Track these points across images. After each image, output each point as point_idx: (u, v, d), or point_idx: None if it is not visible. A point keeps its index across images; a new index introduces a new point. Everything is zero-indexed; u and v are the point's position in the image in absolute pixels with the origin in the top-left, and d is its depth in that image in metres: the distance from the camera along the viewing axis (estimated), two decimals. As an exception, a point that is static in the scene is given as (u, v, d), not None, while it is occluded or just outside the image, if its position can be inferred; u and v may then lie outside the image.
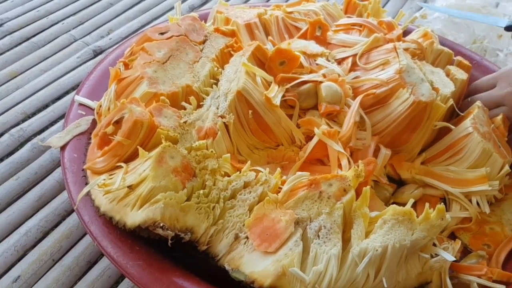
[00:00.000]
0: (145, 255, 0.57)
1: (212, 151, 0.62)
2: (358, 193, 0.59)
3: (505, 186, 0.75)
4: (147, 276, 0.55)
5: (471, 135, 0.72)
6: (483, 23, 1.08)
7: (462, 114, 0.78)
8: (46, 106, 0.93)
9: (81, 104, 0.75)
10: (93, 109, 0.75)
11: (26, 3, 1.17)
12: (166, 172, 0.57)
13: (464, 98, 0.84)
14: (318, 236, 0.56)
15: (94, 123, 0.73)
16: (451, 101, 0.75)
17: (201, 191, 0.58)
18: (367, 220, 0.58)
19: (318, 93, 0.72)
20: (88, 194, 0.61)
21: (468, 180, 0.71)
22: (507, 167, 0.73)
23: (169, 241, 0.55)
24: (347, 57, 0.79)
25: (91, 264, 0.69)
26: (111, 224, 0.58)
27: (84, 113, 0.74)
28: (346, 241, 0.56)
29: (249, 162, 0.63)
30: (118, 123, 0.63)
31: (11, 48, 1.05)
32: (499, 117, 0.78)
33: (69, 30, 1.12)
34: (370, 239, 0.56)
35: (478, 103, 0.78)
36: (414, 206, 0.60)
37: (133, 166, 0.60)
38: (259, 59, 0.75)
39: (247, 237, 0.57)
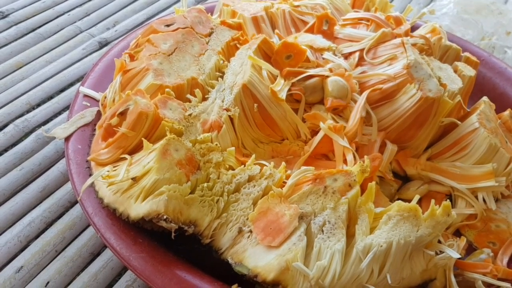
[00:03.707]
0: (148, 247, 0.57)
1: (216, 144, 0.62)
2: (363, 188, 0.59)
3: (512, 183, 0.74)
4: (150, 269, 0.55)
5: (478, 130, 0.72)
6: (491, 20, 1.07)
7: (468, 110, 0.77)
8: (50, 97, 0.93)
9: (86, 96, 0.75)
10: (97, 101, 0.75)
11: (32, -6, 1.17)
12: (171, 164, 0.57)
13: None
14: (322, 231, 0.55)
15: (98, 114, 0.72)
16: (458, 97, 0.74)
17: (205, 184, 0.58)
18: (372, 216, 0.57)
19: (325, 88, 0.72)
20: (92, 185, 0.61)
21: (475, 176, 0.70)
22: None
23: (173, 234, 0.55)
24: (354, 52, 0.78)
25: (94, 256, 0.69)
26: (114, 216, 0.58)
27: (88, 104, 0.74)
28: (350, 237, 0.56)
29: (253, 156, 0.63)
30: (123, 114, 0.63)
31: (17, 39, 1.05)
32: (507, 113, 0.77)
33: (75, 22, 1.12)
34: (374, 235, 0.55)
35: (484, 98, 0.78)
36: (419, 202, 0.59)
37: (137, 158, 0.60)
38: (265, 52, 0.74)
39: (250, 231, 0.57)
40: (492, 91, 0.90)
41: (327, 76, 0.72)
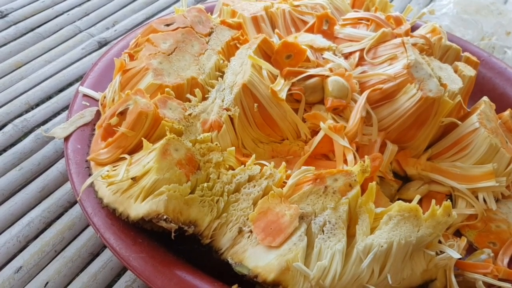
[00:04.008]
0: (148, 247, 0.57)
1: (216, 144, 0.62)
2: (363, 188, 0.59)
3: (512, 183, 0.74)
4: (150, 269, 0.55)
5: (478, 130, 0.72)
6: (491, 20, 1.07)
7: (468, 110, 0.77)
8: (49, 97, 0.92)
9: (85, 95, 0.75)
10: (97, 100, 0.74)
11: (31, -7, 1.17)
12: (170, 164, 0.56)
13: None
14: (323, 231, 0.55)
15: (98, 114, 0.72)
16: (458, 97, 0.74)
17: (205, 184, 0.58)
18: (372, 216, 0.57)
19: (325, 87, 0.72)
20: (91, 185, 0.60)
21: (475, 176, 0.70)
22: (514, 163, 0.72)
23: (173, 234, 0.54)
24: (354, 52, 0.78)
25: (94, 256, 0.69)
26: (114, 216, 0.58)
27: (88, 104, 0.74)
28: (351, 237, 0.56)
29: (253, 156, 0.63)
30: (122, 114, 0.62)
31: (16, 39, 1.04)
32: (507, 113, 0.77)
33: (74, 21, 1.12)
34: (375, 235, 0.55)
35: (484, 98, 0.78)
36: (419, 202, 0.59)
37: (137, 158, 0.60)
38: (266, 52, 0.74)
39: (251, 231, 0.56)
40: (492, 91, 0.90)
41: (327, 76, 0.72)
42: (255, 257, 0.54)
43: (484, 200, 0.70)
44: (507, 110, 0.79)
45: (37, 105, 0.90)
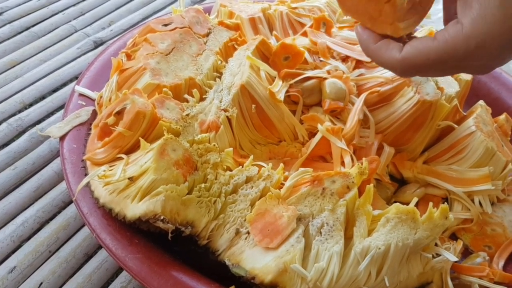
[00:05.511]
0: (144, 248, 0.57)
1: (214, 145, 0.62)
2: (360, 191, 0.59)
3: (507, 187, 0.74)
4: (146, 270, 0.54)
5: (474, 134, 0.72)
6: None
7: (465, 114, 0.78)
8: (43, 96, 0.92)
9: (81, 95, 0.74)
10: (93, 100, 0.74)
11: (27, -8, 1.16)
12: (168, 164, 0.56)
13: None
14: (320, 233, 0.55)
15: (94, 114, 0.72)
16: (455, 101, 0.74)
17: (203, 185, 0.57)
18: (369, 218, 0.57)
19: (322, 90, 0.72)
20: (87, 185, 0.60)
21: (471, 179, 0.70)
22: (510, 166, 0.72)
23: (169, 235, 0.54)
24: (352, 54, 0.78)
25: (88, 257, 0.69)
26: (110, 216, 0.58)
27: (84, 103, 0.73)
28: (348, 239, 0.56)
29: (251, 157, 0.62)
30: (119, 114, 0.62)
31: (11, 37, 1.04)
32: (503, 117, 0.78)
33: (70, 21, 1.11)
34: (372, 237, 0.55)
35: (481, 102, 0.78)
36: (416, 205, 0.59)
37: (134, 157, 0.59)
38: (263, 53, 0.74)
39: (248, 233, 0.56)
40: (487, 95, 0.90)
41: (325, 78, 0.72)
42: (252, 258, 0.54)
43: (480, 204, 0.70)
44: (502, 114, 0.79)
45: (32, 104, 0.90)
